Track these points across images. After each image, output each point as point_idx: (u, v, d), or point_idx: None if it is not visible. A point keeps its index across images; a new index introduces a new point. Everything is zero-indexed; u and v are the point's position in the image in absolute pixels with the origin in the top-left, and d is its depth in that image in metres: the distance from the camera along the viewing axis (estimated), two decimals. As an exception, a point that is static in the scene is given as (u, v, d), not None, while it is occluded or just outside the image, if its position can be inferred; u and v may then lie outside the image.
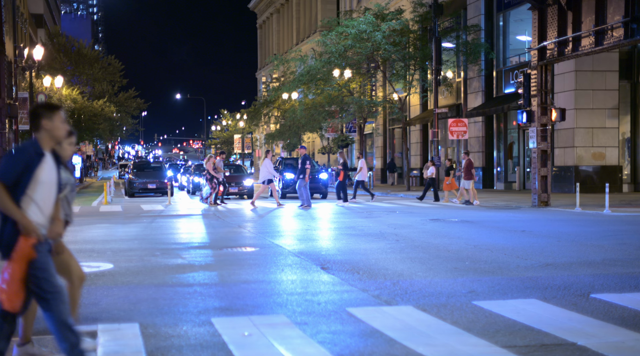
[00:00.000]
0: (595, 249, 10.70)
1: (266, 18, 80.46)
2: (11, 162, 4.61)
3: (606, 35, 18.96)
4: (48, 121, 4.75)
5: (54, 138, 4.76)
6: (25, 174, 4.63)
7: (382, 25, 34.41)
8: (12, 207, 4.57)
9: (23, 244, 4.58)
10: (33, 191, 4.67)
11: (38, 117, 4.75)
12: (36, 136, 4.75)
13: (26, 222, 4.58)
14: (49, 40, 53.80)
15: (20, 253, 4.55)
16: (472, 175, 23.08)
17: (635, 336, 5.57)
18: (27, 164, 4.65)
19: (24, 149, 4.70)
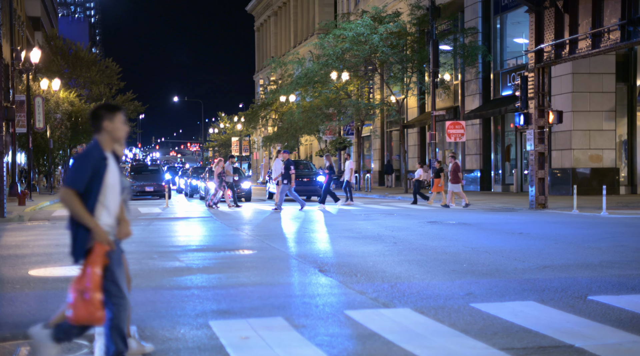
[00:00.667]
0: (593, 252, 10.71)
1: (264, 21, 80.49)
2: (80, 169, 4.57)
3: (603, 38, 19.01)
4: (109, 122, 4.71)
5: (115, 139, 4.73)
6: (94, 179, 4.61)
7: (380, 28, 34.46)
8: (85, 215, 4.54)
9: (98, 251, 4.55)
10: (103, 196, 4.65)
11: (99, 119, 4.71)
12: (97, 138, 4.71)
13: (99, 231, 4.55)
14: (46, 43, 53.77)
15: (96, 261, 4.52)
16: (458, 178, 23.07)
17: (632, 338, 5.57)
18: (95, 168, 4.61)
19: (90, 154, 4.65)
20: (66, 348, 5.48)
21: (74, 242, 4.60)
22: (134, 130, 67.85)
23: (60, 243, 13.03)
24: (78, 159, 4.62)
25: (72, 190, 4.53)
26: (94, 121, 4.73)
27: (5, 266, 9.96)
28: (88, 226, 4.53)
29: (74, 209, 4.53)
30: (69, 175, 4.58)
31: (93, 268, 4.50)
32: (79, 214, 4.53)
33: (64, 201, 4.55)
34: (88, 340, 5.67)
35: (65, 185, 4.57)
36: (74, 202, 4.52)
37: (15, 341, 5.65)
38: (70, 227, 4.64)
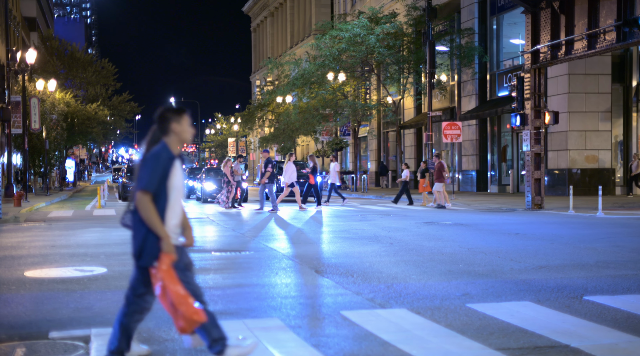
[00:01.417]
0: (589, 252, 10.73)
1: (260, 21, 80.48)
2: (152, 170, 4.55)
3: (599, 39, 19.05)
4: (177, 124, 4.71)
5: (182, 141, 4.73)
6: (164, 181, 4.60)
7: (376, 29, 34.49)
8: (157, 221, 4.52)
9: (165, 262, 4.53)
10: (171, 199, 4.65)
11: (167, 121, 4.71)
12: (165, 140, 4.69)
13: (168, 242, 4.53)
14: (42, 43, 53.68)
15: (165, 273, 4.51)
16: (443, 178, 23.10)
17: (628, 338, 5.59)
18: (165, 170, 4.61)
19: (160, 155, 4.63)
20: (62, 349, 5.47)
21: (144, 245, 4.58)
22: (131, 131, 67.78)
23: (56, 244, 13.01)
24: (148, 160, 4.59)
25: (148, 193, 4.52)
26: (161, 123, 4.72)
27: (1, 267, 9.93)
28: (158, 234, 4.51)
29: (148, 215, 4.51)
30: (141, 177, 4.55)
31: (166, 281, 4.50)
32: (151, 221, 4.51)
33: (139, 205, 4.52)
34: (84, 341, 5.66)
35: (141, 188, 4.53)
36: (149, 207, 4.51)
37: (11, 342, 5.64)
38: (139, 228, 4.61)
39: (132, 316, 4.73)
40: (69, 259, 10.69)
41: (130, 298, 4.73)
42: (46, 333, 5.95)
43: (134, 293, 4.72)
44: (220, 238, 14.21)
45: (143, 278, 4.68)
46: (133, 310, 4.72)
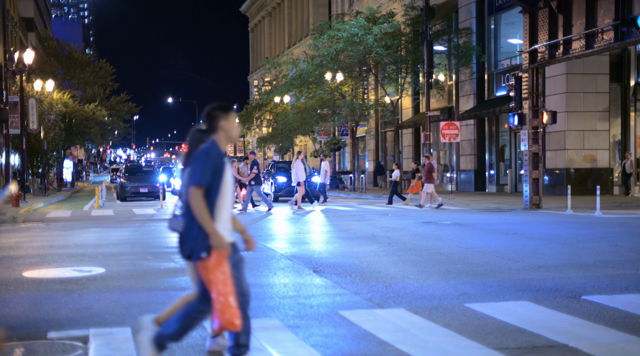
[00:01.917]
0: (587, 252, 10.74)
1: (258, 21, 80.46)
2: (203, 166, 4.58)
3: (597, 38, 19.07)
4: (225, 122, 4.75)
5: (230, 138, 4.77)
6: (215, 178, 4.63)
7: (374, 29, 34.50)
8: (207, 216, 4.54)
9: (218, 258, 4.54)
10: (221, 195, 4.68)
11: (216, 119, 4.74)
12: (214, 138, 4.74)
13: (218, 237, 4.55)
14: (39, 44, 53.62)
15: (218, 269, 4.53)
16: (432, 178, 23.10)
17: (625, 338, 5.60)
18: (216, 167, 4.64)
19: (210, 152, 4.67)
20: (60, 349, 5.47)
21: (196, 240, 4.60)
22: (129, 131, 67.73)
23: (55, 244, 13.00)
24: (200, 157, 4.62)
25: (201, 188, 4.55)
26: (209, 121, 4.76)
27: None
28: (207, 231, 4.54)
29: (199, 210, 4.53)
30: (193, 173, 4.58)
31: (218, 276, 4.51)
32: (202, 217, 4.53)
33: (192, 199, 4.54)
34: (82, 341, 5.66)
35: (193, 184, 4.55)
36: (200, 203, 4.53)
37: (10, 342, 5.63)
38: (190, 223, 4.63)
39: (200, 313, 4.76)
40: (67, 260, 10.69)
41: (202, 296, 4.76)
42: (44, 333, 5.95)
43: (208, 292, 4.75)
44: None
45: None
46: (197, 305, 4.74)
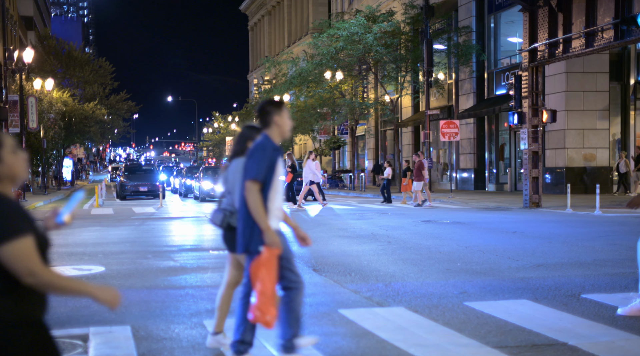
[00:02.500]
0: (586, 250, 10.74)
1: (257, 20, 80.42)
2: (259, 160, 4.63)
3: (596, 37, 19.07)
4: (279, 117, 4.79)
5: (283, 133, 4.82)
6: (270, 172, 4.67)
7: (374, 27, 34.47)
8: (262, 213, 4.58)
9: (269, 255, 4.57)
10: (274, 191, 4.73)
11: (269, 114, 4.78)
12: (267, 132, 4.77)
13: (271, 234, 4.58)
14: (39, 42, 53.58)
15: (268, 265, 4.55)
16: (422, 177, 23.09)
17: (625, 336, 5.60)
18: (271, 161, 4.69)
19: (265, 147, 4.71)
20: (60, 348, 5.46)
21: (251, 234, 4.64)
22: (128, 130, 67.74)
23: (54, 243, 12.97)
24: (256, 151, 4.67)
25: (258, 183, 4.60)
26: (263, 116, 4.81)
27: (-1, 267, 9.93)
28: (260, 226, 4.58)
29: (255, 205, 4.57)
30: (250, 168, 4.62)
31: (266, 272, 4.54)
32: (257, 212, 4.57)
33: (248, 193, 4.59)
34: (82, 340, 5.66)
35: (250, 178, 4.59)
36: (257, 198, 4.58)
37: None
38: (245, 216, 4.66)
39: (296, 300, 4.82)
40: (67, 258, 10.68)
41: (285, 287, 4.81)
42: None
43: (285, 281, 4.79)
44: (218, 237, 14.17)
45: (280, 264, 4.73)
46: (295, 294, 4.81)
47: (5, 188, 2.79)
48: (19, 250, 2.62)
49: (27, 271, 2.61)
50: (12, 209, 2.72)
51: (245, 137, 5.24)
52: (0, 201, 2.71)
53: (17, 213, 2.72)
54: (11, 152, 2.80)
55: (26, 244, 2.64)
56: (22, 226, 2.68)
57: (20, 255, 2.61)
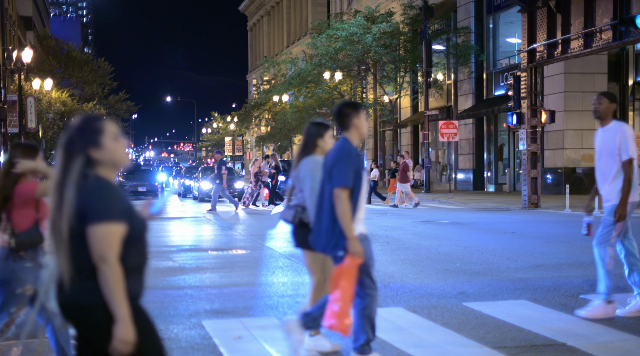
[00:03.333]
0: (585, 251, 10.74)
1: (256, 20, 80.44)
2: (347, 166, 4.62)
3: (595, 38, 19.08)
4: (358, 119, 4.79)
5: (361, 135, 4.83)
6: (356, 179, 4.68)
7: (373, 28, 34.48)
8: (350, 222, 4.57)
9: (352, 264, 4.57)
10: (361, 196, 4.74)
11: (348, 116, 4.78)
12: (346, 135, 4.77)
13: (356, 244, 4.58)
14: (38, 42, 53.56)
15: (349, 274, 4.56)
16: (407, 178, 23.10)
17: (623, 336, 5.60)
18: (357, 167, 4.69)
19: (350, 152, 4.71)
20: (59, 349, 5.46)
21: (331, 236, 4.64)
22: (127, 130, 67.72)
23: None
24: (342, 158, 4.65)
25: (347, 190, 4.59)
26: (341, 119, 4.80)
27: (-3, 267, 9.92)
28: (346, 234, 4.57)
29: (344, 213, 4.56)
30: (338, 175, 4.60)
31: (346, 281, 4.55)
32: (344, 220, 4.56)
33: (338, 200, 4.57)
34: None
35: (340, 185, 4.58)
36: (347, 205, 4.57)
37: (7, 341, 5.63)
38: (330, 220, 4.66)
39: (370, 305, 4.83)
40: (66, 259, 10.66)
41: (360, 292, 4.81)
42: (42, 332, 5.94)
43: (361, 287, 4.80)
44: (217, 237, 14.21)
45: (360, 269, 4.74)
46: (370, 301, 4.82)
47: (108, 173, 2.92)
48: (104, 234, 2.75)
49: (100, 256, 2.74)
50: (111, 194, 2.84)
51: (314, 135, 5.23)
52: (102, 185, 2.85)
53: (116, 198, 2.85)
54: (112, 138, 2.92)
55: (113, 230, 2.77)
56: (116, 212, 2.80)
57: (102, 239, 2.75)
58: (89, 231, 2.75)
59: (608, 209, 6.37)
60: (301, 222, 5.23)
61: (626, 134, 6.14)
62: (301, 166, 5.24)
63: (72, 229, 2.77)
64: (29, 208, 4.48)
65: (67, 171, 2.84)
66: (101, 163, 2.88)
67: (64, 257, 2.78)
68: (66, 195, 2.79)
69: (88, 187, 2.81)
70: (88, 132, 2.88)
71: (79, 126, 2.91)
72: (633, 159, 6.13)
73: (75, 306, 2.80)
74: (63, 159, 2.86)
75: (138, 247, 2.88)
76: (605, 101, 6.18)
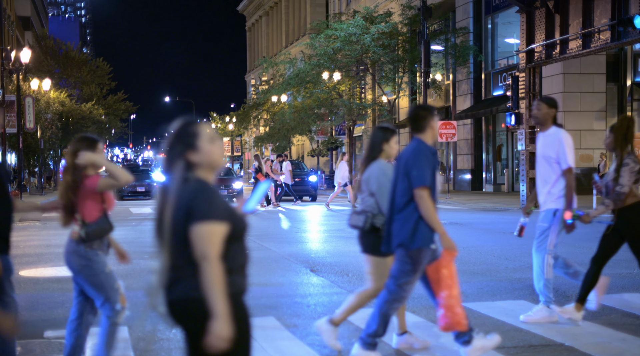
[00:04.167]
0: (583, 251, 10.75)
1: (255, 21, 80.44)
2: (425, 167, 4.76)
3: (593, 38, 19.10)
4: (433, 121, 4.93)
5: (434, 137, 4.97)
6: (433, 178, 4.83)
7: (371, 28, 34.50)
8: (436, 217, 4.71)
9: (448, 259, 4.68)
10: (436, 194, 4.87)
11: (425, 119, 4.93)
12: (421, 137, 4.91)
13: (447, 240, 4.72)
14: (36, 43, 53.55)
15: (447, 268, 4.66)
16: None
17: (621, 337, 5.61)
18: (433, 166, 4.84)
19: (426, 152, 4.83)
20: (57, 348, 5.46)
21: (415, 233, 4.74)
22: (126, 130, 67.67)
23: (51, 243, 12.98)
24: (419, 158, 4.79)
25: (427, 189, 4.74)
26: (418, 121, 4.96)
27: (-4, 267, 9.91)
28: (435, 230, 4.72)
29: (429, 212, 4.71)
30: (417, 175, 4.74)
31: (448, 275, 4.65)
32: (431, 218, 4.71)
33: (421, 200, 4.72)
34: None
35: (420, 185, 4.73)
36: (429, 204, 4.72)
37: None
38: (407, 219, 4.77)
39: (391, 304, 4.88)
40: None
41: (391, 287, 4.88)
42: (41, 333, 5.94)
43: (395, 283, 4.86)
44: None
45: (404, 269, 4.81)
46: (393, 298, 4.87)
47: (206, 175, 3.03)
48: (206, 233, 2.85)
49: (203, 254, 2.84)
50: (214, 195, 2.96)
51: (380, 139, 5.31)
52: (203, 186, 2.97)
53: (218, 199, 2.96)
54: (208, 141, 3.03)
55: (216, 230, 2.88)
56: (219, 212, 2.91)
57: (206, 237, 2.85)
58: (193, 230, 2.85)
59: (542, 216, 6.40)
60: (373, 227, 5.23)
61: (564, 143, 6.08)
62: (371, 170, 5.29)
63: (177, 230, 2.89)
64: (95, 200, 4.63)
65: (169, 176, 2.98)
66: (199, 166, 3.00)
67: (168, 256, 2.91)
68: (168, 198, 2.93)
69: (191, 189, 2.92)
70: (185, 137, 3.00)
71: (176, 131, 3.04)
72: (572, 168, 6.09)
73: (183, 301, 2.89)
74: (166, 165, 3.01)
75: (240, 246, 3.02)
76: (544, 106, 6.17)
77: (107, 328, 4.63)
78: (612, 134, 6.05)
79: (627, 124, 6.00)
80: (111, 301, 4.65)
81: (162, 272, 2.93)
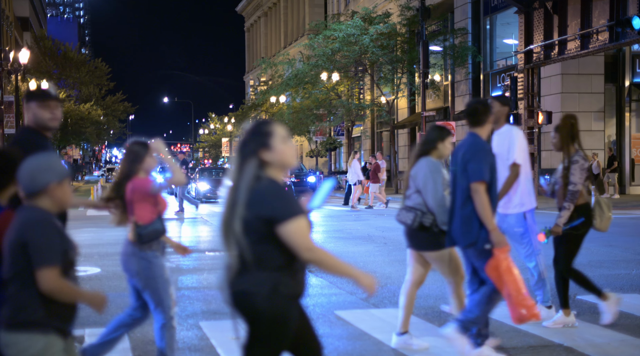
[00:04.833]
0: (582, 252, 10.70)
1: (254, 21, 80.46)
2: (483, 162, 4.76)
3: (591, 39, 19.13)
4: (490, 117, 4.99)
5: (488, 133, 5.03)
6: (492, 173, 4.81)
7: (370, 29, 34.51)
8: (489, 213, 4.70)
9: (501, 256, 4.69)
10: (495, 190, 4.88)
11: (483, 113, 4.98)
12: (477, 132, 4.95)
13: (498, 235, 4.73)
14: (35, 43, 53.50)
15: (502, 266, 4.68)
16: (378, 179, 23.19)
17: (620, 337, 5.61)
18: (491, 162, 4.82)
19: (483, 148, 4.84)
20: (56, 350, 5.45)
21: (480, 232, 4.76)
22: (124, 131, 67.65)
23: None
24: (477, 153, 4.80)
25: (484, 184, 4.73)
26: (475, 115, 4.98)
27: (-6, 268, 9.90)
28: (488, 227, 4.72)
29: (483, 206, 4.71)
30: (475, 170, 4.73)
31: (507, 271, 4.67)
32: (485, 213, 4.70)
33: (477, 195, 4.71)
34: (78, 342, 5.65)
35: (478, 180, 4.73)
36: (485, 199, 4.71)
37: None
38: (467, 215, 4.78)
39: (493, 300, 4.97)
40: (63, 260, 10.65)
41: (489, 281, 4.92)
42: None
43: None
44: (214, 238, 14.19)
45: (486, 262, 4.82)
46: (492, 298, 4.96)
47: (276, 174, 3.09)
48: (299, 228, 2.96)
49: (305, 246, 2.95)
50: (287, 193, 3.05)
51: (435, 138, 5.32)
52: (277, 186, 3.04)
53: (291, 196, 3.05)
54: (281, 141, 3.09)
55: (302, 223, 2.99)
56: (298, 207, 3.01)
57: (300, 232, 2.96)
58: (283, 230, 2.94)
59: (514, 220, 6.37)
60: (421, 225, 5.21)
61: (514, 139, 6.01)
62: (417, 167, 5.27)
63: (249, 226, 2.99)
64: (149, 202, 4.68)
65: (241, 173, 3.04)
66: (271, 165, 3.06)
67: (235, 251, 3.03)
68: (239, 195, 3.00)
69: (264, 188, 2.99)
70: (259, 136, 3.05)
71: (251, 130, 3.10)
72: (517, 163, 5.98)
73: (245, 293, 3.01)
74: (238, 162, 3.07)
75: None
76: (497, 104, 6.14)
77: (165, 333, 4.62)
78: (558, 134, 6.04)
79: (570, 122, 6.01)
80: (164, 305, 4.64)
81: (230, 266, 3.06)
